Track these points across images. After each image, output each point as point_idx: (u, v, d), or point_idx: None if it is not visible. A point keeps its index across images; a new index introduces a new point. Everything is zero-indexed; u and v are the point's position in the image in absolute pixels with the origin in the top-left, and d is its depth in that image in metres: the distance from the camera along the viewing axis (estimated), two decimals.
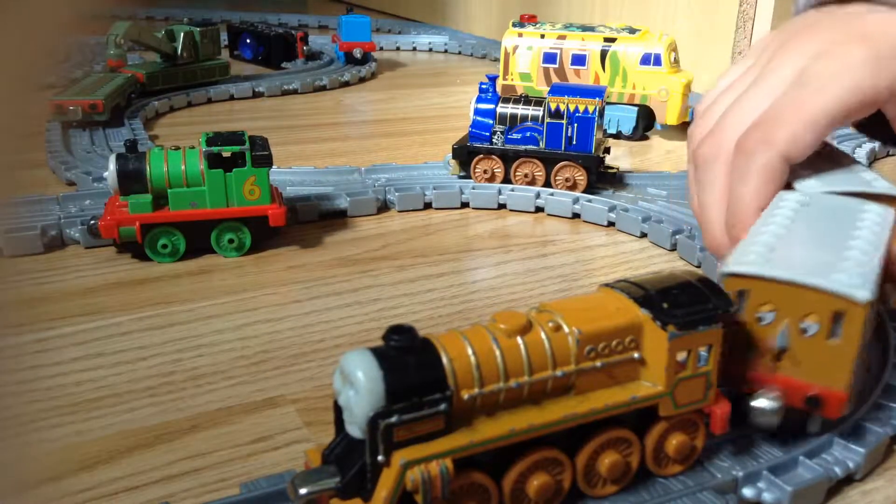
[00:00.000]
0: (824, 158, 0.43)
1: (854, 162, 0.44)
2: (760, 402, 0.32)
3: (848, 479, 0.34)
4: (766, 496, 0.31)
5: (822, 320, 0.31)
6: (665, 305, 0.29)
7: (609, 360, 0.29)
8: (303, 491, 0.26)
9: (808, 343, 0.32)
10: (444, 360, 0.27)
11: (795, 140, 0.40)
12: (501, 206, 0.67)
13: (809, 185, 0.41)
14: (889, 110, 0.42)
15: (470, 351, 0.27)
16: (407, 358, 0.26)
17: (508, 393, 0.28)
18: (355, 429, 0.26)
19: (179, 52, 0.99)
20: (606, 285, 0.31)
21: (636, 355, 0.30)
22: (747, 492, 0.32)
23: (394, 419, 0.25)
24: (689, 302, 0.30)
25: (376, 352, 0.26)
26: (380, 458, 0.26)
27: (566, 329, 0.29)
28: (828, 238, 0.34)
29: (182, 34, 0.99)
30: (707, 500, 0.31)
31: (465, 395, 0.27)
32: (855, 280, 0.31)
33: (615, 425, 0.30)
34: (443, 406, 0.26)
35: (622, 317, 0.30)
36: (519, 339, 0.28)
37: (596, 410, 0.29)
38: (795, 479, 0.32)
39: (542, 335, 0.28)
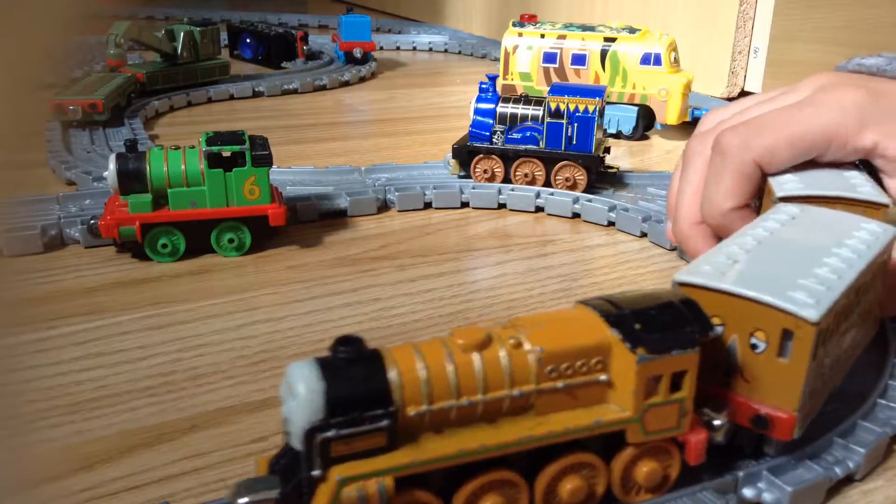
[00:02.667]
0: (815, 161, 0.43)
1: (851, 167, 0.43)
2: (705, 418, 0.31)
3: (848, 479, 0.34)
4: (766, 496, 0.31)
5: (771, 338, 0.30)
6: (637, 327, 0.28)
7: (572, 382, 0.28)
8: (241, 501, 0.25)
9: (758, 360, 0.30)
10: (392, 373, 0.26)
11: (771, 151, 0.41)
12: (501, 206, 0.67)
13: (790, 187, 0.40)
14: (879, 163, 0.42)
15: (420, 365, 0.26)
16: (351, 370, 0.25)
17: (460, 411, 0.27)
18: (296, 440, 0.25)
19: (179, 51, 0.99)
20: (582, 302, 0.30)
21: (603, 377, 0.28)
22: (747, 492, 0.32)
23: (331, 433, 0.24)
24: (665, 324, 0.29)
25: (321, 362, 0.25)
26: (315, 472, 0.25)
27: (527, 347, 0.28)
28: (804, 253, 0.33)
29: (182, 34, 0.99)
30: (707, 500, 0.31)
31: (412, 412, 0.26)
32: (808, 298, 0.29)
33: (580, 449, 0.29)
34: (385, 422, 0.25)
35: (589, 336, 0.28)
36: (475, 356, 0.27)
37: (555, 433, 0.27)
38: (795, 479, 0.32)
39: (501, 352, 0.27)
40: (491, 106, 0.67)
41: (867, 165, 0.43)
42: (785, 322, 0.29)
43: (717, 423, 0.30)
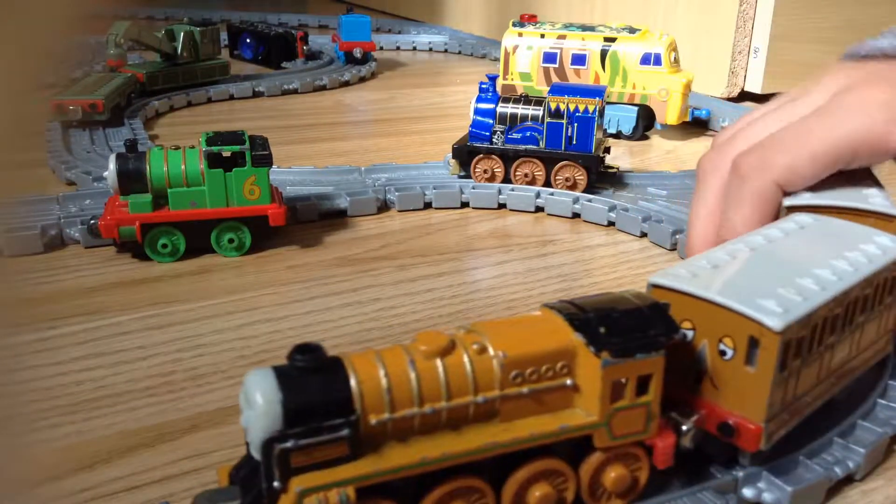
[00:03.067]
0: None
1: (865, 176, 0.41)
2: (672, 422, 0.30)
3: (848, 479, 0.34)
4: (766, 496, 0.31)
5: (738, 345, 0.29)
6: (602, 330, 0.28)
7: (537, 387, 0.28)
8: None
9: (726, 367, 0.30)
10: (353, 382, 0.25)
11: (792, 169, 0.39)
12: (501, 206, 0.67)
13: (801, 197, 0.39)
14: None
15: (382, 373, 0.26)
16: (310, 379, 0.25)
17: (423, 418, 0.26)
18: (255, 451, 0.25)
19: (179, 51, 0.99)
20: (547, 305, 0.30)
21: (568, 382, 0.28)
22: (747, 492, 0.32)
23: (290, 444, 0.24)
24: (630, 327, 0.28)
25: (279, 372, 0.25)
26: (275, 484, 0.24)
27: (491, 352, 0.27)
28: (795, 263, 0.32)
29: (182, 34, 0.99)
30: (707, 500, 0.31)
31: (374, 420, 0.25)
32: (777, 307, 0.28)
33: (547, 455, 0.28)
34: (345, 431, 0.25)
35: (554, 341, 0.28)
36: (438, 362, 0.26)
37: (520, 440, 0.27)
38: (795, 479, 0.32)
39: (465, 358, 0.27)
40: (491, 106, 0.67)
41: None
42: (750, 329, 0.29)
43: (684, 427, 0.30)
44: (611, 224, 0.63)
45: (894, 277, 0.35)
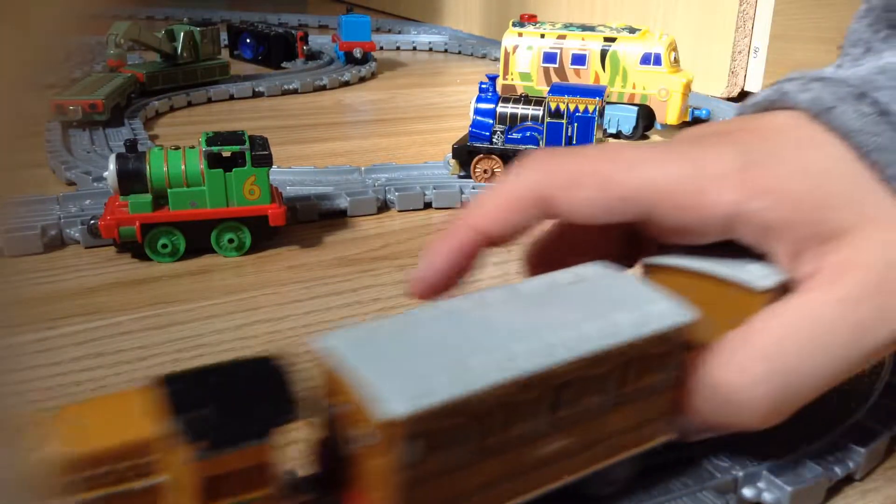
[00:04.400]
0: None
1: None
2: None
3: (848, 479, 0.34)
4: (766, 496, 0.31)
5: (372, 430, 0.23)
6: (199, 415, 0.23)
7: (115, 490, 0.23)
8: None
9: (367, 454, 0.24)
10: None
11: (573, 181, 0.31)
12: None
13: (663, 257, 0.33)
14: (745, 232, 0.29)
15: None
16: None
17: None
18: None
19: (179, 51, 0.99)
20: (156, 381, 0.24)
21: (153, 481, 0.23)
22: (747, 492, 0.32)
23: None
24: (237, 409, 0.23)
25: None
26: None
27: (55, 450, 0.22)
28: (500, 332, 0.25)
29: (182, 34, 0.99)
30: (707, 500, 0.31)
31: None
32: (412, 391, 0.22)
33: None
34: None
35: (142, 429, 0.23)
36: None
37: None
38: (795, 479, 0.32)
39: None
40: (491, 106, 0.67)
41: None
42: (376, 415, 0.23)
43: None
44: None
45: (663, 354, 0.27)
